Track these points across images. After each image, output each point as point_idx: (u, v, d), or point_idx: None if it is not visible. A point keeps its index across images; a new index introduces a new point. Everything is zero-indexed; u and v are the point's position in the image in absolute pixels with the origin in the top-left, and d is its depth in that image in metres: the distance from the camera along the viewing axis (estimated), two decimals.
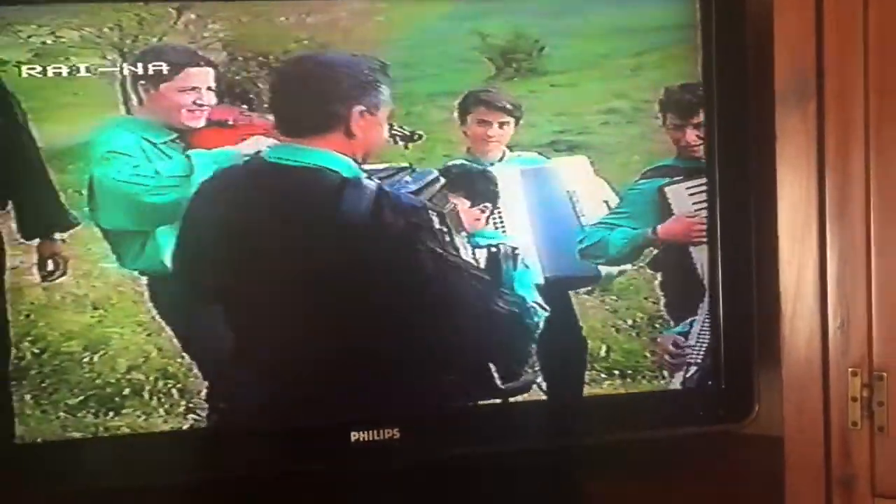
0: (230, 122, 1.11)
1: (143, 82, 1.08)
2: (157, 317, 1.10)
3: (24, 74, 1.05)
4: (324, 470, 1.11)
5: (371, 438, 1.11)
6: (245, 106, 1.10)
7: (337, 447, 1.11)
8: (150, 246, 1.10)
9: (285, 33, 1.11)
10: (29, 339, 1.08)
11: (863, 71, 1.08)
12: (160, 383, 1.11)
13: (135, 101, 1.09)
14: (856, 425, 1.10)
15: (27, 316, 1.08)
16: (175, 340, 1.11)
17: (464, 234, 1.16)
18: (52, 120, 1.06)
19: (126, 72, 1.07)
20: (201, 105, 1.10)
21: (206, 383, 1.11)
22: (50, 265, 1.08)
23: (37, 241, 1.08)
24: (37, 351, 1.08)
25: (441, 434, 1.14)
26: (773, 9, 1.11)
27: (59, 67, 1.06)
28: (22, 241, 1.07)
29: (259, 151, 1.11)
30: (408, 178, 1.14)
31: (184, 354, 1.11)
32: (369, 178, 1.12)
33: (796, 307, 1.13)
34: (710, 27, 1.15)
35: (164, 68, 1.08)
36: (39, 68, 1.05)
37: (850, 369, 1.10)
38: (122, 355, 1.10)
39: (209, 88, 1.10)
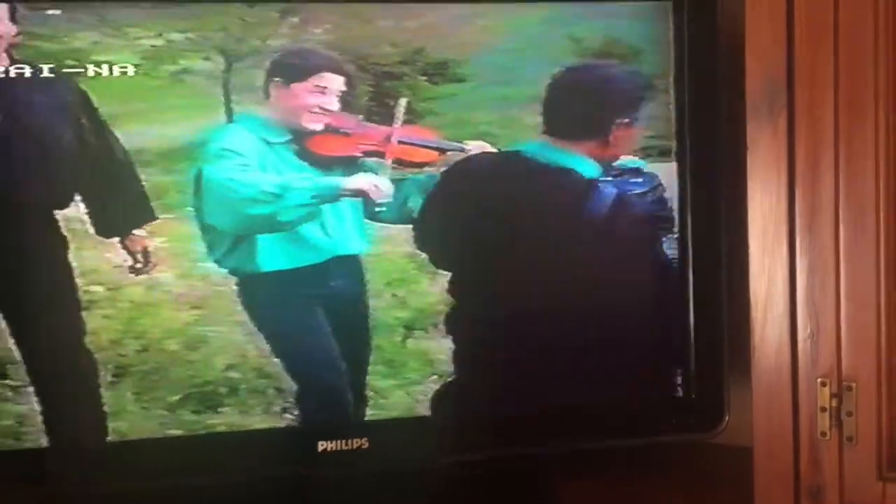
0: (346, 131, 1.14)
1: (277, 79, 1.10)
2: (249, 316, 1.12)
3: (131, 75, 1.06)
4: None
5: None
6: (361, 116, 1.14)
7: None
8: (244, 247, 1.12)
9: (384, 36, 1.14)
10: (132, 336, 1.08)
11: (833, 84, 1.09)
12: (257, 382, 1.11)
13: (261, 96, 1.10)
14: (825, 435, 1.11)
15: (129, 313, 1.08)
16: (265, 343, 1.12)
17: None
18: (157, 120, 1.08)
19: (245, 73, 1.10)
20: (326, 109, 1.12)
21: (296, 384, 1.13)
22: (136, 259, 1.08)
23: (116, 238, 1.08)
24: (139, 348, 1.09)
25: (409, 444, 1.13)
26: (744, 21, 1.12)
27: (167, 68, 1.07)
28: (112, 238, 1.08)
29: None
30: (637, 179, 1.19)
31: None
32: (610, 182, 1.18)
33: (766, 317, 1.14)
34: (682, 39, 1.16)
35: (300, 68, 1.11)
36: (146, 69, 1.06)
37: (819, 379, 1.11)
38: (220, 354, 1.11)
39: (338, 95, 1.12)
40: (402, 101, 1.13)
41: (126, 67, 1.06)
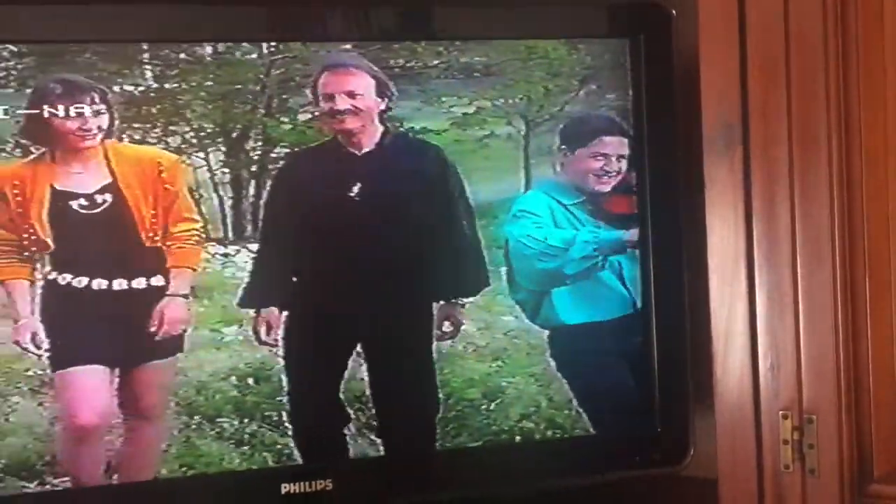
0: (634, 190, 1.19)
1: (563, 146, 1.17)
2: (553, 368, 1.18)
3: (447, 141, 1.15)
4: None
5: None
6: None
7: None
8: (546, 304, 1.18)
9: None
10: (437, 385, 1.16)
11: (786, 118, 1.10)
12: (549, 433, 1.18)
13: (551, 165, 1.18)
14: (788, 468, 1.11)
15: (436, 363, 1.15)
16: (567, 390, 1.18)
17: None
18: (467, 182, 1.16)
19: (543, 138, 1.17)
20: (609, 172, 1.18)
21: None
22: (447, 327, 1.16)
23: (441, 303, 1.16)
24: (443, 396, 1.15)
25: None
26: (699, 60, 1.14)
27: (474, 134, 1.15)
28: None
29: None
30: None
31: (571, 406, 1.18)
32: None
33: (727, 350, 1.14)
34: (639, 78, 1.18)
35: (582, 135, 1.18)
36: (456, 134, 1.14)
37: (780, 412, 1.12)
38: (516, 404, 1.17)
39: (620, 157, 1.18)
40: None
41: (439, 133, 1.14)
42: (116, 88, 1.05)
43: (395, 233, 1.14)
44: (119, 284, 1.08)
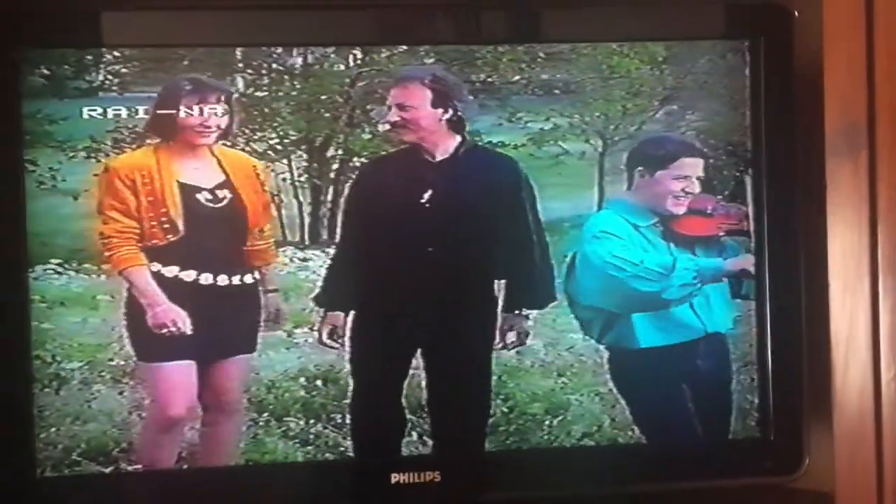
0: (709, 211, 1.16)
1: (640, 168, 1.16)
2: (615, 390, 1.16)
3: (522, 156, 1.14)
4: None
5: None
6: (720, 197, 1.17)
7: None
8: (623, 326, 1.17)
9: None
10: (501, 397, 1.15)
11: None
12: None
13: (625, 185, 1.16)
14: None
15: (499, 377, 1.15)
16: (628, 413, 1.16)
17: None
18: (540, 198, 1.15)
19: (618, 156, 1.16)
20: (688, 194, 1.16)
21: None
22: (511, 337, 1.15)
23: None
24: (506, 409, 1.15)
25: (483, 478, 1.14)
26: (822, 59, 1.12)
27: (549, 150, 1.14)
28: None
29: None
30: None
31: (634, 428, 1.17)
32: None
33: (848, 359, 1.11)
34: (758, 77, 1.16)
35: (662, 157, 1.16)
36: (532, 150, 1.14)
37: None
38: (578, 422, 1.17)
39: (697, 178, 1.16)
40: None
41: (516, 147, 1.14)
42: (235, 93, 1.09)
43: (464, 241, 1.14)
44: (222, 280, 1.11)
